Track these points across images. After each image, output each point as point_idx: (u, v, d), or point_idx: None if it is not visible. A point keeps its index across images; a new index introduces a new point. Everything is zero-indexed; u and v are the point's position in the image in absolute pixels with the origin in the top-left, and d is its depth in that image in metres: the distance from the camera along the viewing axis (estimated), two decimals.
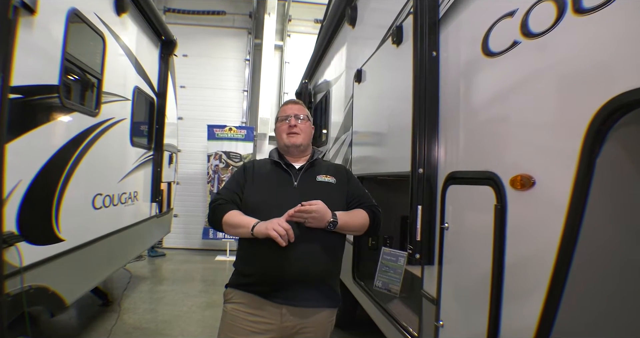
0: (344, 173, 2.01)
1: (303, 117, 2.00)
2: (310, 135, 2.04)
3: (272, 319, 1.74)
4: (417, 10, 1.93)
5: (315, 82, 6.19)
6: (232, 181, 1.95)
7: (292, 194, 1.82)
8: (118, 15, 3.58)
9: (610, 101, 0.98)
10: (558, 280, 1.11)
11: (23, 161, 2.25)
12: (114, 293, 5.16)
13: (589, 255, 1.09)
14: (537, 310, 1.18)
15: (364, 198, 1.96)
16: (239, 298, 1.80)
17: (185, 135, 8.01)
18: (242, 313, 1.76)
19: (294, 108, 2.03)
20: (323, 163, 2.04)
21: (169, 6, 8.87)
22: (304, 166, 1.94)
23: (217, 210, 1.82)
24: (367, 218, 1.86)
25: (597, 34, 1.07)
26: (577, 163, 1.07)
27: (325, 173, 1.93)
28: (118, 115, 3.64)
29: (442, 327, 1.77)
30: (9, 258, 2.09)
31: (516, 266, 1.34)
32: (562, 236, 1.10)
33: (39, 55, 2.36)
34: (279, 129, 2.01)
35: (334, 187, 1.90)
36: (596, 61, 1.07)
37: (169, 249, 7.93)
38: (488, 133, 1.55)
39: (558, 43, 1.20)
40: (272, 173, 1.93)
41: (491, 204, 1.41)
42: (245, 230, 1.70)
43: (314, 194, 1.74)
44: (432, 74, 1.89)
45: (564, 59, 1.18)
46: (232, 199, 1.86)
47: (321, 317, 1.81)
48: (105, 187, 3.45)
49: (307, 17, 9.33)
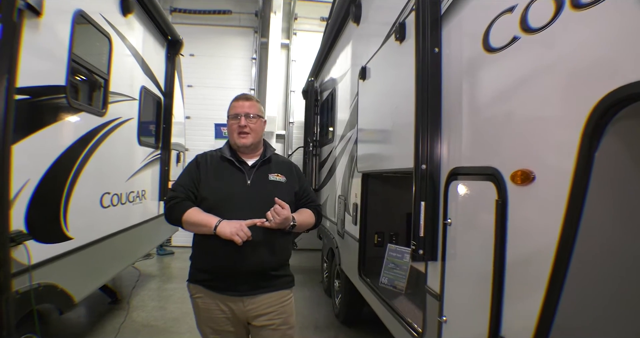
0: (294, 171, 2.12)
1: (253, 116, 2.01)
2: (260, 132, 2.07)
3: (235, 308, 1.91)
4: (419, 7, 1.92)
5: (322, 80, 6.19)
6: (186, 177, 1.98)
7: (246, 192, 1.92)
8: (124, 16, 3.62)
9: (609, 94, 0.98)
10: (558, 275, 1.11)
11: (31, 160, 2.29)
12: (123, 291, 5.22)
13: (589, 249, 1.08)
14: (537, 305, 1.18)
15: (312, 197, 2.15)
16: (201, 294, 1.95)
17: (192, 134, 8.06)
18: (211, 305, 1.93)
19: (245, 106, 2.02)
20: (274, 160, 2.10)
21: (175, 6, 8.91)
22: (256, 163, 2.02)
23: (175, 208, 1.88)
24: (314, 217, 2.09)
25: (595, 28, 1.06)
26: (575, 157, 1.07)
27: (276, 171, 2.03)
28: (125, 115, 3.68)
29: (445, 323, 1.77)
30: (18, 256, 2.12)
31: (517, 262, 1.33)
32: (562, 231, 1.10)
33: (46, 56, 2.40)
34: (230, 128, 2.04)
35: (284, 185, 2.01)
36: (594, 55, 1.07)
37: (178, 247, 7.98)
38: (489, 128, 1.55)
39: (557, 38, 1.19)
40: (226, 170, 1.98)
41: (493, 199, 1.41)
42: (207, 229, 1.79)
43: (266, 193, 1.88)
44: (434, 70, 1.88)
45: (563, 53, 1.17)
46: (188, 196, 1.92)
47: (277, 296, 1.96)
48: (113, 186, 3.49)
49: (313, 15, 9.32)
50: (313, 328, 4.29)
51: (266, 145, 2.13)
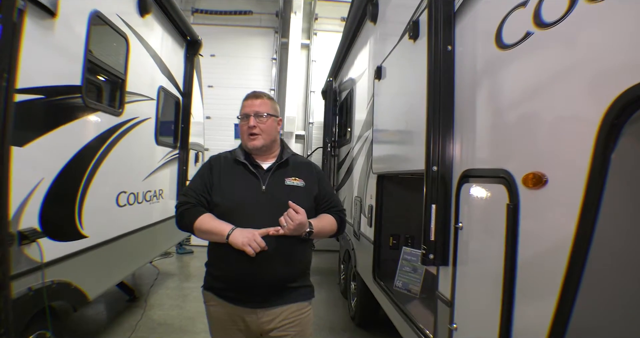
0: (314, 173, 1.95)
1: (264, 115, 1.86)
2: (273, 133, 1.91)
3: (249, 320, 1.79)
4: (432, 4, 1.85)
5: (340, 80, 6.15)
6: (198, 181, 1.87)
7: (261, 199, 1.78)
8: (141, 16, 3.64)
9: (625, 92, 0.90)
10: (571, 282, 1.03)
11: (45, 159, 2.31)
12: (142, 289, 5.29)
13: (604, 254, 1.00)
14: (550, 313, 1.10)
15: (334, 201, 1.96)
16: (215, 302, 1.84)
17: (212, 134, 8.13)
18: (223, 315, 1.83)
19: (255, 104, 1.88)
20: (292, 162, 1.93)
21: (196, 7, 9.02)
22: (272, 166, 1.86)
23: (186, 214, 1.78)
24: (336, 224, 1.90)
25: (611, 22, 0.99)
26: (590, 159, 0.99)
27: (293, 175, 1.87)
28: (142, 114, 3.71)
29: (455, 330, 1.70)
30: (31, 254, 2.15)
31: (529, 268, 1.26)
32: (576, 236, 1.02)
33: (61, 56, 2.42)
34: (241, 129, 1.91)
35: (302, 190, 1.85)
36: (610, 50, 0.99)
37: (197, 246, 8.04)
38: (501, 128, 1.47)
39: (571, 32, 1.11)
40: (240, 174, 1.85)
41: (504, 203, 1.34)
42: (219, 237, 1.69)
43: (282, 200, 1.71)
44: (447, 69, 1.81)
45: (577, 49, 1.10)
46: (199, 201, 1.81)
47: (295, 308, 1.82)
48: (130, 185, 3.52)
49: (333, 15, 9.28)
50: (328, 330, 4.25)
51: (283, 146, 1.98)
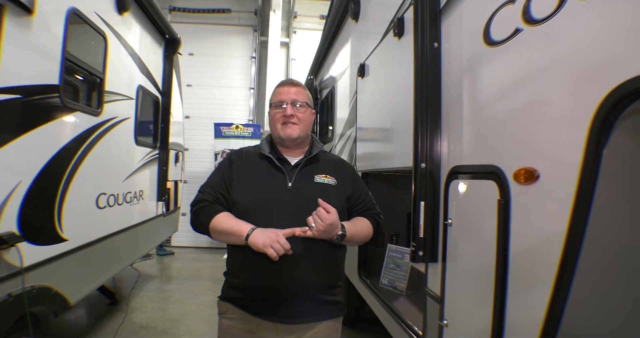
0: (347, 171, 1.76)
1: (302, 104, 1.68)
2: (309, 124, 1.74)
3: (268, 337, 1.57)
4: (418, 1, 1.87)
5: (321, 78, 6.15)
6: (216, 177, 1.70)
7: (287, 197, 1.59)
8: (120, 14, 3.57)
9: (617, 88, 0.92)
10: (564, 277, 1.06)
11: (23, 161, 2.24)
12: (122, 292, 5.19)
13: (597, 250, 1.03)
14: (542, 309, 1.13)
15: (370, 203, 1.76)
16: (233, 314, 1.61)
17: (192, 134, 8.03)
18: (238, 331, 1.60)
19: (291, 92, 1.69)
20: (323, 157, 1.76)
21: (174, 5, 8.88)
22: (300, 162, 1.68)
23: (202, 213, 1.60)
24: (372, 229, 1.69)
25: (602, 18, 1.01)
26: (582, 154, 1.01)
27: (324, 173, 1.67)
28: (121, 114, 3.63)
29: (446, 327, 1.72)
30: (10, 259, 2.08)
31: (521, 264, 1.28)
32: (568, 231, 1.05)
33: (38, 55, 2.35)
34: (273, 118, 1.70)
35: (334, 190, 1.65)
36: (601, 47, 1.01)
37: (178, 248, 7.95)
38: (490, 125, 1.49)
39: (561, 29, 1.13)
40: (263, 169, 1.66)
41: (495, 199, 1.36)
42: (237, 238, 1.49)
43: (311, 198, 1.49)
44: (434, 66, 1.83)
45: (568, 45, 1.12)
46: (217, 199, 1.64)
47: (323, 329, 1.60)
48: (110, 186, 3.45)
49: (312, 13, 9.29)
50: None
51: (313, 140, 1.79)
